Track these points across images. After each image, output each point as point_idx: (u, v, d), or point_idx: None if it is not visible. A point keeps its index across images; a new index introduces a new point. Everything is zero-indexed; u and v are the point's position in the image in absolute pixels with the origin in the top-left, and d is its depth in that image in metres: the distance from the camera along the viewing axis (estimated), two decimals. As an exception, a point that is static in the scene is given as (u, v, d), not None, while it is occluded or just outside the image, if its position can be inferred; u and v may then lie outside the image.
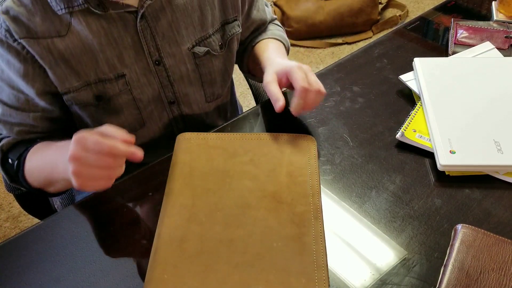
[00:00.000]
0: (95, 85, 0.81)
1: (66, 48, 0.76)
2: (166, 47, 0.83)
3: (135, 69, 0.82)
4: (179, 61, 0.86)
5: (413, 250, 0.68)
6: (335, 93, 0.95)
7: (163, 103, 0.89)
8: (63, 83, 0.79)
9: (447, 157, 0.76)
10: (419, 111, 0.87)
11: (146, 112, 0.88)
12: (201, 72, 0.89)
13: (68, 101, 0.81)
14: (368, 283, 0.64)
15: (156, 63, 0.83)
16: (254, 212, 0.71)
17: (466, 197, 0.74)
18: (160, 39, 0.82)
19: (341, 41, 2.44)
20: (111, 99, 0.83)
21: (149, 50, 0.82)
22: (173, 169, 0.78)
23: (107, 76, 0.80)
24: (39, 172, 0.79)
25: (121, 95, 0.83)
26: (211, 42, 0.88)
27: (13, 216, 1.75)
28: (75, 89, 0.80)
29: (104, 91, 0.81)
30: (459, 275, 0.61)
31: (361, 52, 1.07)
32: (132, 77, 0.82)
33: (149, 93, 0.86)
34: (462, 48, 1.01)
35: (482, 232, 0.66)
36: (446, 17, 1.15)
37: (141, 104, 0.86)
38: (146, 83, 0.84)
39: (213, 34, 0.88)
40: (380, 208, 0.74)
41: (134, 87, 0.83)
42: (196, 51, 0.86)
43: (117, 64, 0.80)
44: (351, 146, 0.84)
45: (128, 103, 0.85)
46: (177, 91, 0.88)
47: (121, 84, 0.82)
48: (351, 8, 2.40)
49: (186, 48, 0.85)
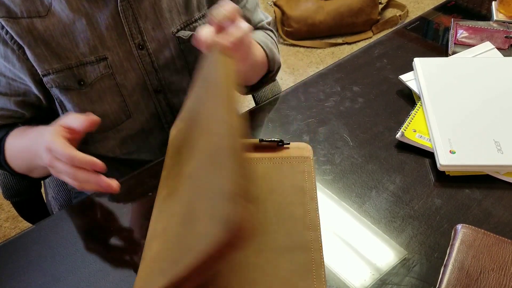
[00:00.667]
0: (76, 68, 0.79)
1: (46, 29, 0.75)
2: (149, 30, 0.81)
3: (118, 53, 0.80)
4: (163, 45, 0.83)
5: (413, 250, 0.68)
6: (335, 93, 0.95)
7: (149, 92, 0.86)
8: (43, 64, 0.77)
9: (447, 157, 0.76)
10: (419, 111, 0.87)
11: (131, 101, 0.85)
12: (187, 59, 0.87)
13: (48, 83, 0.79)
14: (368, 283, 0.64)
15: (139, 47, 0.81)
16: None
17: (466, 197, 0.74)
18: (142, 22, 0.80)
19: (341, 41, 2.44)
20: (93, 84, 0.81)
21: (131, 33, 0.80)
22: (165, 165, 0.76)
23: (88, 59, 0.79)
24: (21, 158, 0.79)
25: (103, 80, 0.81)
26: (196, 27, 0.85)
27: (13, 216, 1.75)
28: (55, 71, 0.78)
29: (85, 74, 0.79)
30: (459, 275, 0.61)
31: (361, 52, 1.07)
32: (114, 60, 0.80)
33: (132, 79, 0.83)
34: (462, 48, 1.01)
35: (482, 232, 0.66)
36: (446, 17, 1.15)
37: (125, 91, 0.84)
38: (130, 68, 0.82)
39: (199, 19, 0.86)
40: (380, 208, 0.74)
41: (117, 72, 0.81)
42: (181, 35, 0.84)
43: (99, 46, 0.78)
44: (351, 146, 0.84)
45: (111, 89, 0.82)
46: (162, 78, 0.86)
47: (103, 67, 0.80)
48: (351, 8, 2.40)
49: (170, 32, 0.83)
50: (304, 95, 0.95)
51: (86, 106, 0.82)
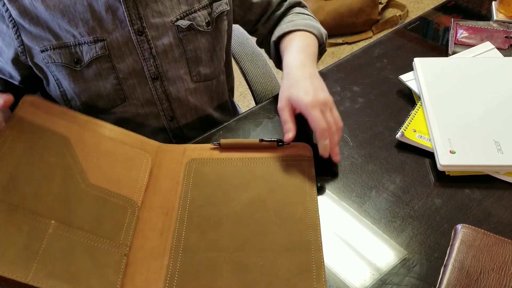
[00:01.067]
0: (74, 47, 0.81)
1: (47, 8, 0.78)
2: (149, 17, 0.83)
3: (116, 36, 0.82)
4: (162, 33, 0.84)
5: (413, 250, 0.68)
6: (335, 93, 0.95)
7: (146, 78, 0.88)
8: (42, 41, 0.80)
9: (447, 157, 0.76)
10: (419, 111, 0.87)
11: (127, 85, 0.87)
12: (186, 48, 0.88)
13: (45, 59, 0.82)
14: (368, 283, 0.64)
15: (138, 33, 0.83)
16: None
17: (466, 197, 0.74)
18: (143, 8, 0.82)
19: (341, 41, 2.44)
20: (89, 64, 0.83)
21: (130, 18, 0.81)
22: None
23: (86, 39, 0.81)
24: None
25: (99, 60, 0.83)
26: (196, 17, 0.87)
27: (13, 216, 1.75)
28: (53, 48, 0.81)
29: (82, 53, 0.82)
30: (459, 275, 0.61)
31: (361, 52, 1.07)
32: (112, 43, 0.82)
33: (129, 64, 0.85)
34: (462, 48, 1.01)
35: (482, 232, 0.66)
36: (446, 17, 1.15)
37: (121, 75, 0.85)
38: (127, 53, 0.84)
39: (199, 10, 0.87)
40: (380, 208, 0.74)
41: (114, 55, 0.83)
42: (180, 24, 0.85)
43: (97, 28, 0.80)
44: (351, 146, 0.84)
45: (107, 71, 0.84)
46: (159, 65, 0.87)
47: (99, 48, 0.82)
48: (351, 8, 2.40)
49: (169, 20, 0.84)
50: (304, 95, 0.95)
51: (81, 85, 0.85)
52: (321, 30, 0.97)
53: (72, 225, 0.64)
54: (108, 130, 0.78)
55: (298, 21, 0.94)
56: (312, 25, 0.94)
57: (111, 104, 0.89)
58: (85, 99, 0.87)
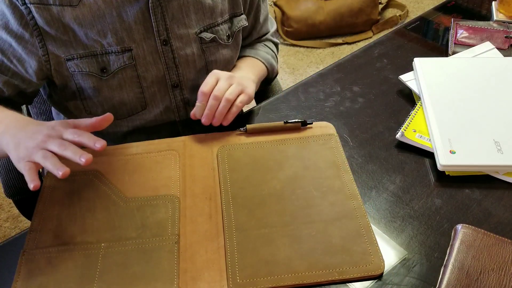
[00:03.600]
0: (100, 56, 0.82)
1: (76, 18, 0.79)
2: (174, 28, 0.85)
3: (143, 46, 0.84)
4: (186, 44, 0.87)
5: (413, 250, 0.68)
6: (335, 93, 0.95)
7: (167, 86, 0.90)
8: (68, 50, 0.81)
9: (447, 157, 0.76)
10: (419, 111, 0.87)
11: (149, 93, 0.89)
12: (207, 59, 0.91)
13: (71, 67, 0.83)
14: (368, 283, 0.64)
15: (163, 43, 0.85)
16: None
17: (466, 197, 0.74)
18: (169, 20, 0.84)
19: (341, 41, 2.44)
20: (115, 73, 0.84)
21: (158, 29, 0.84)
22: None
23: (113, 49, 0.82)
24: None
25: (125, 70, 0.84)
26: (218, 31, 0.90)
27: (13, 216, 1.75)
28: (80, 57, 0.82)
29: (109, 63, 0.83)
30: (459, 275, 0.61)
31: (361, 52, 1.07)
32: (139, 53, 0.84)
33: (153, 72, 0.87)
34: (462, 48, 1.01)
35: (482, 232, 0.66)
36: (446, 17, 1.15)
37: (145, 83, 0.87)
38: (152, 62, 0.86)
39: (221, 24, 0.91)
40: (380, 208, 0.74)
41: (140, 64, 0.85)
42: (203, 36, 0.88)
43: (126, 38, 0.82)
44: (351, 146, 0.84)
45: (131, 80, 0.86)
46: (181, 74, 0.90)
47: (127, 58, 0.84)
48: (351, 8, 2.40)
49: (194, 32, 0.87)
50: (304, 95, 0.96)
51: (105, 93, 0.86)
52: (275, 68, 1.06)
53: (120, 240, 0.69)
54: (135, 148, 0.83)
55: (259, 52, 1.03)
56: (269, 61, 1.03)
57: (132, 111, 0.90)
58: (108, 107, 0.88)
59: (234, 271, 0.65)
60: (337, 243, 0.67)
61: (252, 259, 0.66)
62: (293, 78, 2.25)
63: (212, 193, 0.75)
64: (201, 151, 0.83)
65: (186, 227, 0.71)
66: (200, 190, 0.76)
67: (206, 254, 0.67)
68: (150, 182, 0.77)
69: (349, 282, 0.64)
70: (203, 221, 0.72)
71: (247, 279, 0.64)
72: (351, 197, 0.73)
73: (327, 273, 0.64)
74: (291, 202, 0.73)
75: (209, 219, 0.72)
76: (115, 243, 0.69)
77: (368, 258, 0.65)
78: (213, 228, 0.70)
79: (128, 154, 0.82)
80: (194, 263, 0.66)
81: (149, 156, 0.81)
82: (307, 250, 0.67)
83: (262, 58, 1.00)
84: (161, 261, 0.66)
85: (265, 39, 1.07)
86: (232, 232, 0.69)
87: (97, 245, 0.68)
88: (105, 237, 0.69)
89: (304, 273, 0.64)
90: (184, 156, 0.82)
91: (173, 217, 0.72)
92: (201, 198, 0.75)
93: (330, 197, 0.73)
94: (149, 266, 0.66)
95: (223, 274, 0.65)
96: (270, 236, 0.69)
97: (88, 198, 0.75)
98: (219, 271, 0.65)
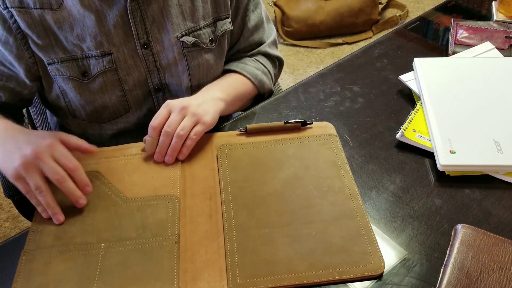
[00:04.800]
0: (81, 60, 0.82)
1: (56, 21, 0.79)
2: (155, 32, 0.84)
3: (123, 50, 0.83)
4: (167, 48, 0.86)
5: (413, 250, 0.68)
6: (335, 93, 0.95)
7: (149, 89, 0.90)
8: (49, 54, 0.81)
9: (447, 157, 0.76)
10: (419, 111, 0.87)
11: (132, 96, 0.88)
12: (189, 63, 0.89)
13: (52, 71, 0.83)
14: (368, 283, 0.64)
15: (144, 46, 0.84)
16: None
17: (466, 197, 0.74)
18: (149, 23, 0.83)
19: (341, 41, 2.44)
20: (96, 77, 0.84)
21: (137, 32, 0.83)
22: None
23: (93, 53, 0.82)
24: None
25: (106, 73, 0.84)
26: (201, 35, 0.89)
27: (13, 216, 1.75)
28: (60, 61, 0.82)
29: (89, 67, 0.83)
30: (459, 275, 0.61)
31: (361, 52, 1.07)
32: (119, 57, 0.83)
33: (135, 76, 0.86)
34: (462, 48, 1.01)
35: (482, 232, 0.66)
36: (446, 17, 1.15)
37: (127, 86, 0.87)
38: (133, 66, 0.85)
39: (204, 28, 0.89)
40: (380, 208, 0.74)
41: (121, 68, 0.84)
42: (185, 40, 0.87)
43: (105, 42, 0.81)
44: (351, 146, 0.84)
45: (113, 83, 0.85)
46: (163, 78, 0.89)
47: (107, 62, 0.83)
48: (351, 8, 2.40)
49: (175, 36, 0.86)
50: (304, 95, 0.96)
51: (87, 97, 0.86)
52: (265, 85, 0.98)
53: (120, 240, 0.69)
54: (135, 148, 0.83)
55: (247, 67, 0.96)
56: (258, 77, 0.96)
57: (115, 114, 0.90)
58: (90, 110, 0.88)
59: (234, 271, 0.65)
60: (337, 243, 0.67)
61: (252, 259, 0.66)
62: (293, 78, 2.25)
63: (212, 193, 0.75)
64: (201, 151, 0.82)
65: (186, 227, 0.71)
66: (200, 190, 0.76)
67: (206, 254, 0.67)
68: (150, 182, 0.77)
69: (349, 282, 0.64)
70: (203, 221, 0.72)
71: (247, 279, 0.64)
72: (351, 197, 0.73)
73: (327, 273, 0.64)
74: (291, 202, 0.73)
75: (209, 219, 0.72)
76: (115, 243, 0.69)
77: (368, 258, 0.65)
78: (213, 228, 0.70)
79: (128, 154, 0.82)
80: (194, 263, 0.66)
81: (148, 156, 0.81)
82: (307, 250, 0.67)
83: (248, 73, 0.95)
84: (161, 261, 0.66)
85: (258, 52, 1.00)
86: (232, 232, 0.69)
87: (97, 245, 0.68)
88: (105, 237, 0.69)
89: (304, 273, 0.64)
90: None
91: (173, 217, 0.72)
92: (201, 198, 0.75)
93: (330, 197, 0.73)
94: (149, 266, 0.66)
95: (223, 274, 0.65)
96: (270, 236, 0.69)
97: (88, 198, 0.74)
98: (219, 271, 0.65)
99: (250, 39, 0.98)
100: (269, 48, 1.01)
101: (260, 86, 0.97)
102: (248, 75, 0.95)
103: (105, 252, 0.67)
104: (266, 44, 1.00)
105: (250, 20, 0.96)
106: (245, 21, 0.96)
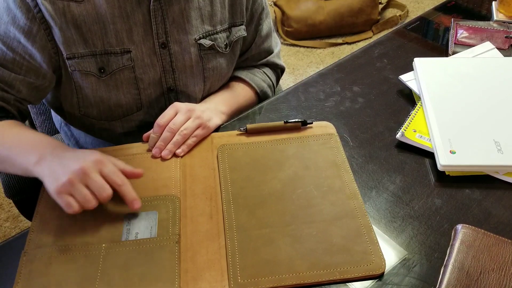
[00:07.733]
0: (100, 56, 0.83)
1: (80, 15, 0.79)
2: (174, 32, 0.85)
3: (142, 48, 0.84)
4: (184, 49, 0.87)
5: (413, 250, 0.68)
6: (335, 93, 0.95)
7: (162, 89, 0.90)
8: (70, 47, 0.81)
9: (447, 157, 0.76)
10: (419, 111, 0.87)
11: (145, 95, 0.89)
12: (205, 66, 0.91)
13: (71, 66, 0.83)
14: (368, 283, 0.65)
15: (162, 46, 0.85)
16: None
17: (466, 197, 0.74)
18: (169, 23, 0.84)
19: (341, 41, 2.44)
20: (113, 74, 0.84)
21: (157, 31, 0.84)
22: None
23: (113, 49, 0.82)
24: (7, 147, 0.76)
25: (123, 71, 0.85)
26: (217, 39, 0.90)
27: (13, 216, 1.75)
28: (80, 56, 0.82)
29: (108, 63, 0.83)
30: (459, 275, 0.61)
31: (361, 52, 1.07)
32: (137, 55, 0.84)
33: (151, 74, 0.87)
34: (462, 48, 1.02)
35: (482, 232, 0.66)
36: (446, 17, 1.15)
37: (142, 85, 0.88)
38: (150, 64, 0.86)
39: (220, 32, 0.91)
40: (380, 208, 0.74)
41: (138, 66, 0.85)
42: (202, 43, 0.88)
43: (125, 39, 0.82)
44: (351, 146, 0.84)
45: (129, 81, 0.86)
46: (177, 78, 0.90)
47: (126, 59, 0.84)
48: (351, 8, 2.40)
49: (193, 38, 0.87)
50: (304, 95, 0.96)
51: (102, 93, 0.86)
52: (267, 95, 1.03)
53: (121, 240, 0.69)
54: (135, 148, 0.84)
55: (255, 78, 1.01)
56: (263, 89, 1.01)
57: (127, 112, 0.90)
58: (104, 108, 0.88)
59: (235, 271, 0.65)
60: (338, 243, 0.67)
61: (253, 259, 0.66)
62: (293, 78, 2.25)
63: (213, 193, 0.75)
64: (201, 151, 0.83)
65: (187, 227, 0.71)
66: (200, 190, 0.76)
67: (207, 254, 0.67)
68: (150, 182, 0.77)
69: (350, 282, 0.64)
70: (204, 221, 0.72)
71: (248, 279, 0.64)
72: (351, 197, 0.73)
73: (328, 273, 0.64)
74: (291, 201, 0.73)
75: (209, 219, 0.72)
76: (116, 244, 0.69)
77: (369, 258, 0.65)
78: (214, 228, 0.70)
79: (128, 154, 0.82)
80: (195, 263, 0.66)
81: (149, 156, 0.81)
82: (308, 250, 0.67)
83: (255, 85, 0.99)
84: (162, 261, 0.66)
85: (266, 63, 1.04)
86: (233, 232, 0.69)
87: (98, 246, 0.68)
88: (106, 238, 0.69)
89: (305, 273, 0.64)
90: (184, 156, 0.82)
91: (173, 217, 0.72)
92: (202, 198, 0.75)
93: (330, 196, 0.73)
94: (150, 266, 0.66)
95: (224, 274, 0.65)
96: (271, 236, 0.69)
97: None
98: (220, 271, 0.65)
99: (261, 46, 1.01)
100: (277, 58, 1.06)
101: (262, 97, 1.02)
102: (255, 86, 0.99)
103: (106, 252, 0.67)
104: (274, 54, 1.05)
105: (263, 29, 0.99)
106: (259, 29, 0.99)
